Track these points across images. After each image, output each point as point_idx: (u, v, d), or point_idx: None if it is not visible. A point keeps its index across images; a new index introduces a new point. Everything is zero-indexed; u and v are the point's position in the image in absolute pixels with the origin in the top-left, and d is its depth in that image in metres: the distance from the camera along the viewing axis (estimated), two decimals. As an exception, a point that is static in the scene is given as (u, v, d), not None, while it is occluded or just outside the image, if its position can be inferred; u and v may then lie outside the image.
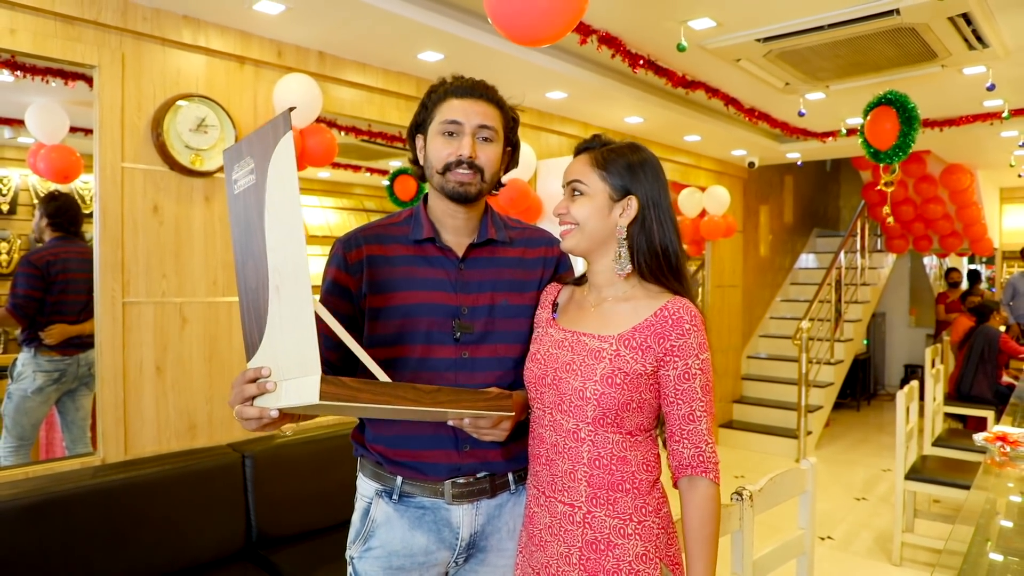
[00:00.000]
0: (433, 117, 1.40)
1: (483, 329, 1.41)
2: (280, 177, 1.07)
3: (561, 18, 1.88)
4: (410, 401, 1.09)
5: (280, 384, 1.09)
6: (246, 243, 1.16)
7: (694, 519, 1.29)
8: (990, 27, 3.22)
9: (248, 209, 1.15)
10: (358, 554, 1.43)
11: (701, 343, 1.29)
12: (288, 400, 1.07)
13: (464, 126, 1.37)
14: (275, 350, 1.10)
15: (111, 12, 2.49)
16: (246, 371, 1.14)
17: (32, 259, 2.88)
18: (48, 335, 2.78)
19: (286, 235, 1.06)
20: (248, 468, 2.65)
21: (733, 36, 3.38)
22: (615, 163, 1.34)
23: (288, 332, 1.07)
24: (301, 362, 1.04)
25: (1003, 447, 2.64)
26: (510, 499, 1.46)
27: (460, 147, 1.37)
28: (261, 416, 1.11)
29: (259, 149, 1.11)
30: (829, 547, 3.99)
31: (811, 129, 5.55)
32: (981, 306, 5.71)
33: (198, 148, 2.72)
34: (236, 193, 1.18)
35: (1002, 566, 1.78)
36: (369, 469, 1.46)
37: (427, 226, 1.42)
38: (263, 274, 1.12)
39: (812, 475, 1.95)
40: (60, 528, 2.18)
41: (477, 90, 1.39)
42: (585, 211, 1.33)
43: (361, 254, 1.38)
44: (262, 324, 1.13)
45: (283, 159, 1.06)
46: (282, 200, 1.07)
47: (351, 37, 3.01)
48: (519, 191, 3.67)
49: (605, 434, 1.28)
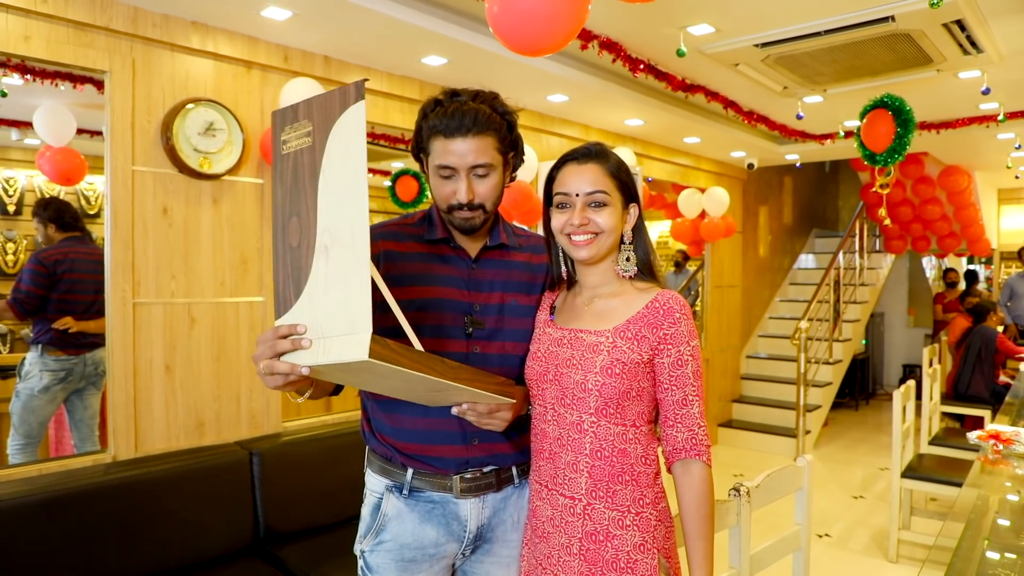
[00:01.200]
0: (428, 150, 1.39)
1: (494, 326, 1.47)
2: (344, 143, 1.09)
3: (562, 30, 1.92)
4: (438, 372, 1.15)
5: (319, 341, 1.11)
6: (291, 202, 1.18)
7: (691, 501, 1.35)
8: (984, 33, 3.27)
9: (299, 170, 1.17)
10: (369, 547, 1.47)
11: (690, 330, 1.37)
12: (330, 356, 1.08)
13: (459, 171, 1.36)
14: (315, 308, 1.12)
15: (122, 18, 2.54)
16: (278, 327, 1.14)
17: (41, 257, 2.93)
18: (63, 324, 2.84)
19: (347, 199, 1.08)
20: (256, 465, 2.70)
21: (731, 42, 3.43)
22: (623, 172, 1.42)
23: (334, 291, 1.10)
24: (350, 321, 1.07)
25: (996, 445, 2.69)
26: (514, 492, 1.52)
27: (457, 192, 1.37)
28: (291, 372, 1.12)
29: (320, 114, 1.13)
30: (826, 544, 4.04)
31: (809, 131, 5.60)
32: (978, 306, 5.76)
33: (206, 151, 2.77)
34: (284, 153, 1.20)
35: (992, 561, 1.83)
36: (377, 464, 1.50)
37: (441, 227, 1.47)
38: (309, 234, 1.14)
39: (808, 472, 2.01)
40: (74, 524, 2.23)
41: (465, 125, 1.34)
42: (612, 220, 1.39)
43: (377, 249, 1.41)
44: (300, 283, 1.15)
45: (351, 126, 1.09)
46: (344, 166, 1.09)
47: (356, 42, 3.06)
48: (522, 193, 3.72)
49: (607, 425, 1.34)
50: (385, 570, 1.45)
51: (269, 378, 1.15)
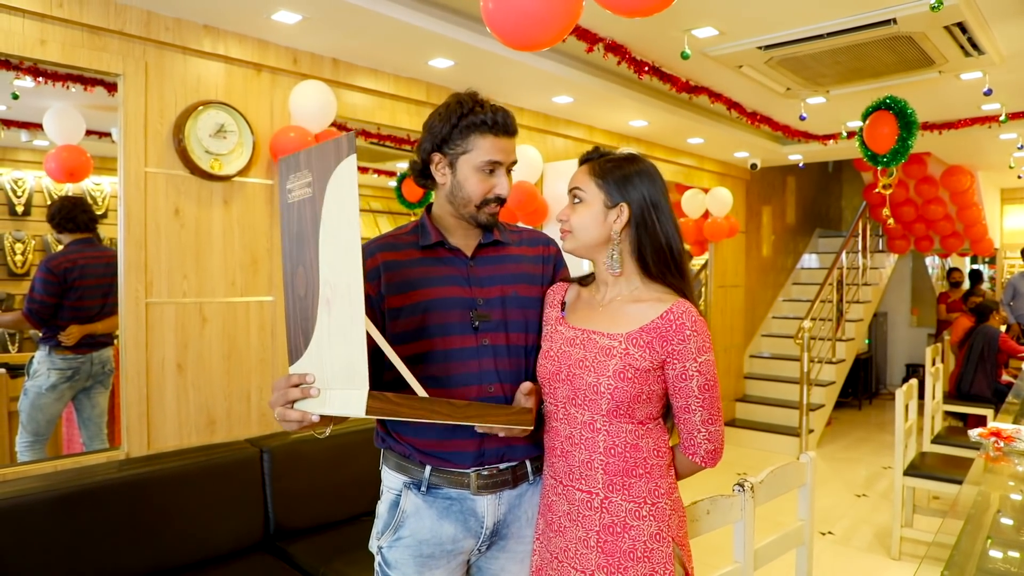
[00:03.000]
0: (467, 148, 1.45)
1: (499, 318, 1.50)
2: (339, 197, 1.11)
3: (556, 24, 1.96)
4: (443, 415, 1.19)
5: (324, 392, 1.16)
6: (297, 252, 1.22)
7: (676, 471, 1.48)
8: (985, 35, 3.30)
9: (302, 221, 1.20)
10: (387, 544, 1.49)
11: (700, 347, 1.38)
12: (333, 409, 1.14)
13: (503, 166, 1.48)
14: (321, 359, 1.16)
15: (135, 22, 2.58)
16: (290, 376, 1.21)
17: (51, 265, 2.92)
18: (66, 337, 2.86)
19: (342, 254, 1.11)
20: (266, 462, 2.73)
21: (735, 44, 3.46)
22: (611, 173, 1.44)
23: (336, 344, 1.13)
24: (349, 375, 1.11)
25: (997, 443, 2.72)
26: (529, 488, 1.54)
27: (500, 187, 1.48)
28: (303, 420, 1.18)
29: (318, 165, 1.15)
30: (830, 541, 4.07)
31: (812, 132, 5.63)
32: (981, 306, 5.78)
33: (217, 153, 2.81)
34: (290, 202, 1.24)
35: (993, 558, 1.85)
36: (393, 461, 1.52)
37: (434, 233, 1.51)
38: (313, 284, 1.17)
39: (811, 468, 2.04)
40: (88, 519, 2.27)
41: (511, 128, 1.48)
42: (582, 219, 1.44)
43: (376, 261, 1.46)
44: (308, 332, 1.19)
45: (344, 180, 1.10)
46: (339, 220, 1.11)
47: (364, 45, 3.10)
48: (527, 194, 3.75)
49: (619, 424, 1.37)
50: (404, 566, 1.47)
51: (284, 423, 1.21)
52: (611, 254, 1.43)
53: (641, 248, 1.42)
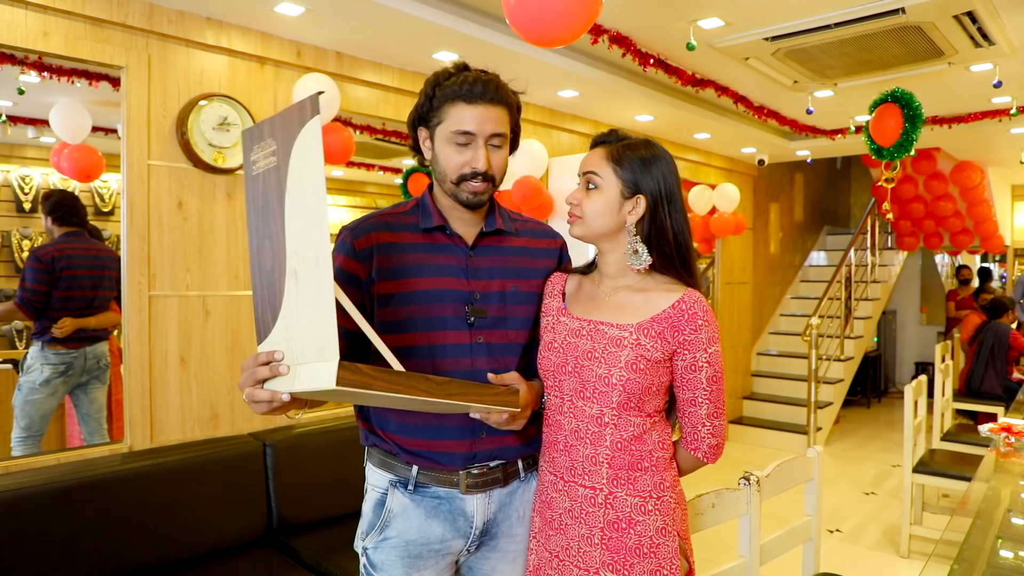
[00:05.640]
0: (441, 118, 1.36)
1: (496, 314, 1.42)
2: (304, 162, 1.05)
3: (577, 20, 1.95)
4: (422, 391, 1.11)
5: (294, 368, 1.09)
6: (263, 225, 1.15)
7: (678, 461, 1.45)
8: (995, 25, 3.26)
9: (267, 191, 1.13)
10: (373, 544, 1.42)
11: (710, 337, 1.34)
12: (302, 384, 1.06)
13: (477, 137, 1.35)
14: (290, 334, 1.10)
15: (138, 15, 2.57)
16: (258, 354, 1.13)
17: (39, 254, 2.93)
18: (59, 329, 2.85)
19: (308, 220, 1.05)
20: (269, 457, 2.73)
21: (742, 35, 3.43)
22: (630, 159, 1.38)
23: (305, 317, 1.06)
24: (319, 347, 1.04)
25: (1008, 438, 2.69)
26: (520, 486, 1.48)
27: (475, 160, 1.35)
28: (272, 399, 1.11)
29: (282, 132, 1.09)
30: (838, 539, 4.03)
31: (820, 127, 5.58)
32: (995, 301, 5.72)
33: (220, 146, 2.80)
34: (255, 174, 1.16)
35: (1004, 554, 1.83)
36: (377, 458, 1.45)
37: (436, 215, 1.42)
38: (280, 257, 1.10)
39: (819, 463, 2.01)
40: (91, 512, 2.27)
41: (488, 92, 1.34)
42: (595, 205, 1.38)
43: (370, 241, 1.37)
44: (276, 307, 1.12)
45: (309, 143, 1.04)
46: (305, 185, 1.05)
47: (368, 38, 3.09)
48: (532, 188, 3.73)
49: (628, 417, 1.34)
50: (390, 567, 1.41)
51: (254, 405, 1.13)
52: (633, 248, 1.37)
53: (650, 241, 1.37)
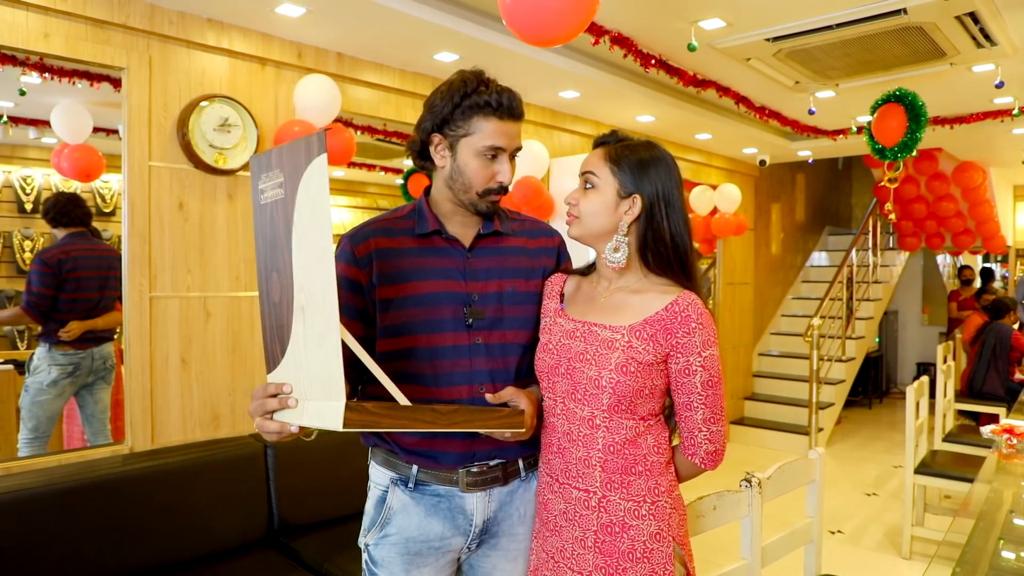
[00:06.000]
0: (469, 130, 1.37)
1: (494, 315, 1.43)
2: (311, 199, 1.05)
3: (574, 19, 1.94)
4: (427, 423, 1.15)
5: (302, 402, 1.11)
6: (271, 256, 1.16)
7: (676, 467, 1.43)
8: (997, 25, 3.25)
9: (275, 223, 1.14)
10: (374, 541, 1.44)
11: (705, 341, 1.32)
12: (310, 420, 1.10)
13: (506, 152, 1.39)
14: (298, 368, 1.12)
15: (139, 16, 2.57)
16: (267, 385, 1.16)
17: (44, 257, 2.92)
18: (67, 332, 2.84)
19: (315, 259, 1.05)
20: (270, 458, 2.72)
21: (743, 36, 3.43)
22: (628, 160, 1.38)
23: (312, 353, 1.08)
24: (326, 387, 1.06)
25: (1010, 439, 2.68)
26: (520, 485, 1.49)
27: (502, 174, 1.40)
28: (281, 431, 1.15)
29: (290, 165, 1.09)
30: (839, 541, 4.02)
31: (822, 127, 5.57)
32: (997, 302, 5.70)
33: (221, 147, 2.80)
34: (263, 203, 1.17)
35: (1006, 555, 1.82)
36: (381, 457, 1.47)
37: (432, 220, 1.43)
38: (288, 291, 1.11)
39: (820, 465, 2.01)
40: (92, 513, 2.26)
41: (517, 111, 1.39)
42: (592, 205, 1.38)
43: (369, 247, 1.38)
44: (284, 340, 1.13)
45: (315, 181, 1.04)
46: (311, 222, 1.05)
47: (369, 39, 3.09)
48: (533, 189, 3.73)
49: (620, 420, 1.33)
50: (391, 564, 1.42)
51: (264, 434, 1.17)
52: (615, 246, 1.37)
53: (645, 243, 1.37)
